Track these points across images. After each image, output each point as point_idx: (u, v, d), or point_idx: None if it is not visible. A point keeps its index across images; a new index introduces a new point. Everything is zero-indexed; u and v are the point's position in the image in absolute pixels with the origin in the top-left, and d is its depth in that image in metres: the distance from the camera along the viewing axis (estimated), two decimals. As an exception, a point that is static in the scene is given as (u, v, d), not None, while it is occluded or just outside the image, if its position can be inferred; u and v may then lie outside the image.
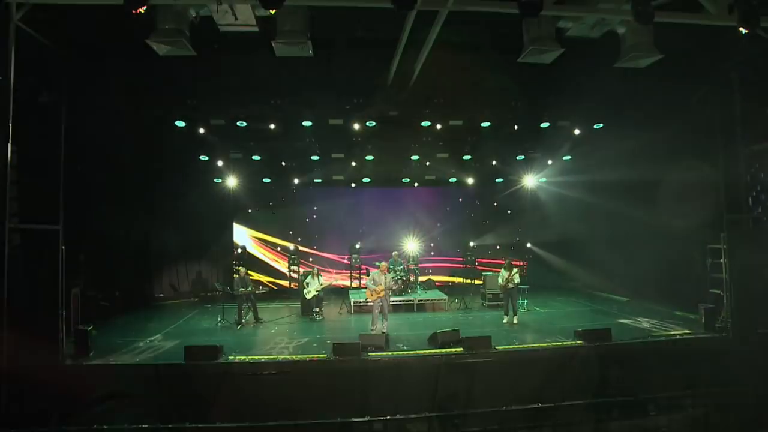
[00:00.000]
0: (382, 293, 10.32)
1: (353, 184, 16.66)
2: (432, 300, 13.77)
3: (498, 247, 17.76)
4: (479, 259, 17.37)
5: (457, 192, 17.86)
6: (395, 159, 15.09)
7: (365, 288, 10.94)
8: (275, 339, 10.22)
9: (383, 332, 10.33)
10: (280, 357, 8.61)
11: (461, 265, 17.38)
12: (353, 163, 14.83)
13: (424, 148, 14.41)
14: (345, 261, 17.29)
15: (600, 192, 14.36)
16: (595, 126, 12.59)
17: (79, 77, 8.87)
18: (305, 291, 12.29)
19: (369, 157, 14.29)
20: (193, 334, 10.66)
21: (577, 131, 12.95)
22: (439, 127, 12.37)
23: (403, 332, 10.68)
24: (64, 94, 8.48)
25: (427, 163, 15.29)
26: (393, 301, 11.74)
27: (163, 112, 11.68)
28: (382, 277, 10.38)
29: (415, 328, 11.14)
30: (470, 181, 16.47)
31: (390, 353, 8.85)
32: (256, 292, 11.92)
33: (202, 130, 12.32)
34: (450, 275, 17.61)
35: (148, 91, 10.74)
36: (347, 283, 16.93)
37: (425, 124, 12.35)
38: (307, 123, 11.94)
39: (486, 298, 13.77)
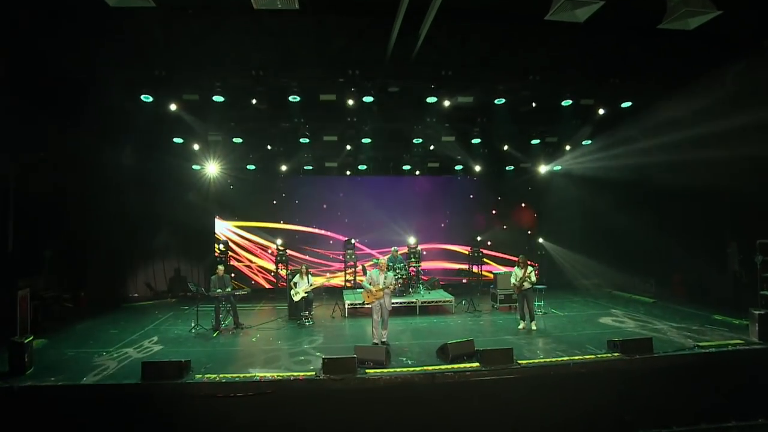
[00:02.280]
0: (381, 295, 8.97)
1: (348, 172, 15.37)
2: (437, 302, 12.51)
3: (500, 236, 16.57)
4: (485, 250, 16.18)
5: (462, 181, 16.69)
6: (395, 142, 13.71)
7: (361, 289, 9.57)
8: (255, 350, 8.93)
9: (383, 342, 9.03)
10: (259, 375, 7.26)
11: (466, 263, 16.15)
12: (348, 147, 13.42)
13: (428, 130, 13.04)
14: (338, 257, 16.04)
15: (620, 181, 13.23)
16: (622, 105, 11.23)
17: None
18: (292, 292, 10.97)
19: (366, 140, 12.91)
20: (160, 343, 9.27)
21: (601, 111, 11.59)
22: (446, 104, 10.93)
23: (405, 341, 9.43)
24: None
25: (431, 147, 13.93)
26: (393, 303, 10.39)
27: (127, 83, 10.16)
28: (381, 277, 9.03)
29: (418, 335, 9.91)
30: (478, 168, 15.11)
31: (392, 370, 7.56)
32: (237, 293, 10.51)
33: (173, 107, 10.82)
34: (454, 273, 16.37)
35: (108, 57, 9.27)
36: (341, 282, 15.62)
37: (430, 100, 10.95)
38: (294, 98, 10.51)
39: (497, 299, 12.53)
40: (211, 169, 14.31)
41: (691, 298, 12.24)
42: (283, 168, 14.80)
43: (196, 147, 13.05)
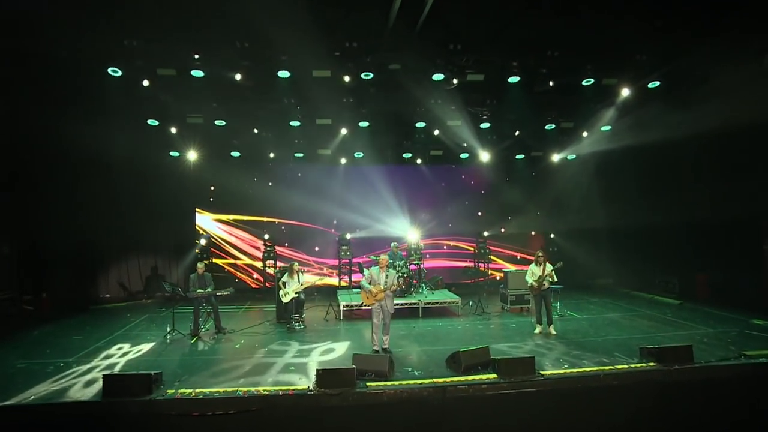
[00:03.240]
0: (382, 296, 8.22)
1: (343, 160, 14.58)
2: (441, 303, 11.84)
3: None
4: (492, 247, 15.57)
5: (468, 171, 16.06)
6: (395, 127, 12.94)
7: (359, 288, 8.82)
8: (239, 358, 8.14)
9: (384, 349, 8.34)
10: (242, 389, 6.49)
11: (471, 260, 15.49)
12: (343, 131, 12.62)
13: (432, 113, 12.29)
14: (332, 254, 15.36)
15: (640, 169, 12.63)
16: (649, 85, 10.53)
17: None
18: (281, 293, 10.21)
19: (363, 124, 12.14)
20: (129, 351, 8.49)
21: (625, 91, 10.89)
22: (455, 81, 10.17)
23: (409, 348, 8.73)
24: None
25: (436, 132, 13.16)
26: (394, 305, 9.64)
27: (93, 54, 9.27)
28: (382, 275, 8.29)
29: (423, 341, 9.22)
30: (485, 157, 14.38)
31: (396, 383, 6.83)
32: (219, 293, 9.72)
33: (146, 83, 9.95)
34: (461, 272, 15.76)
35: (68, 21, 8.39)
36: (335, 281, 14.89)
37: (437, 77, 10.18)
38: (284, 74, 9.72)
39: (507, 300, 11.86)
40: (191, 156, 13.46)
41: (719, 299, 11.64)
42: (271, 155, 14.04)
43: (173, 131, 12.18)
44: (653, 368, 7.06)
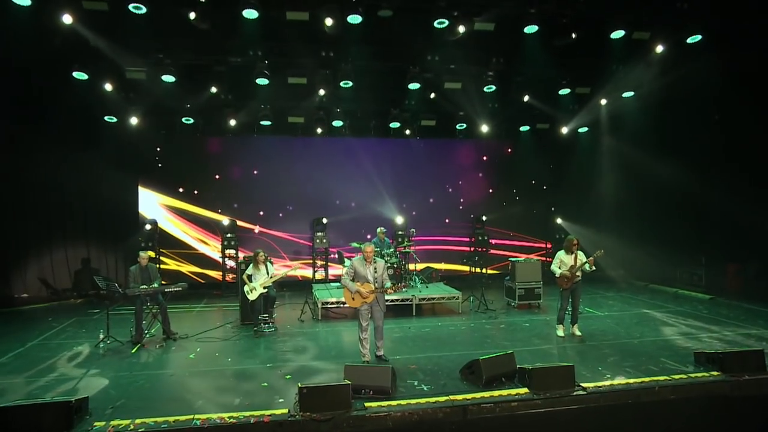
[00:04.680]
0: (373, 298, 7.08)
1: (319, 130, 13.40)
2: (438, 299, 10.94)
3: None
4: (493, 240, 14.69)
5: (465, 146, 15.17)
6: (385, 87, 11.78)
7: (340, 283, 7.65)
8: (195, 373, 6.92)
9: (379, 357, 7.30)
10: (199, 418, 5.28)
11: (469, 248, 14.63)
12: (321, 92, 11.36)
13: (428, 73, 11.29)
14: (305, 242, 14.30)
15: (663, 143, 12.15)
16: (689, 39, 9.71)
17: None
18: (247, 288, 9.00)
19: (345, 84, 10.90)
20: (46, 369, 7.07)
21: (660, 48, 10.04)
22: (461, 29, 9.05)
23: (408, 353, 7.73)
24: None
25: (432, 95, 12.09)
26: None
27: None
28: (369, 269, 7.11)
29: (424, 345, 8.25)
30: (485, 128, 13.43)
31: (403, 402, 5.81)
32: (168, 289, 8.46)
33: (68, 19, 8.37)
34: (453, 261, 14.98)
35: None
36: (308, 273, 13.83)
37: (439, 24, 9.04)
38: (250, 14, 8.37)
39: (515, 295, 11.07)
40: (132, 121, 11.92)
41: (754, 293, 11.11)
42: (232, 123, 12.70)
43: (108, 87, 10.62)
44: (718, 378, 6.24)
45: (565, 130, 14.03)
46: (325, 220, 13.57)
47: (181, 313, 10.63)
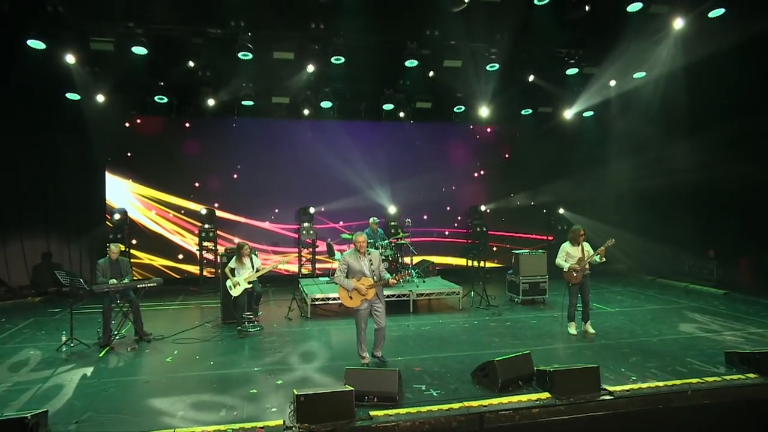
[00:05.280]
0: (373, 293, 6.62)
1: (306, 111, 12.89)
2: (438, 294, 10.60)
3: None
4: (491, 231, 14.42)
5: (461, 130, 14.84)
6: (379, 65, 11.31)
7: (333, 278, 7.16)
8: (173, 380, 6.40)
9: (377, 357, 6.86)
10: (180, 431, 4.78)
11: (466, 240, 14.55)
12: (309, 69, 10.82)
13: (427, 49, 10.81)
14: (290, 233, 13.76)
15: (672, 123, 12.02)
16: (711, 14, 9.40)
17: None
18: (229, 283, 8.48)
19: (337, 59, 10.38)
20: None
21: (678, 23, 9.71)
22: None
23: (411, 354, 7.34)
24: None
25: (431, 74, 11.63)
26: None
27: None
28: (364, 261, 6.65)
29: (427, 345, 7.85)
30: (484, 112, 13.03)
31: (413, 410, 5.42)
32: (141, 285, 7.93)
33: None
34: (449, 253, 14.76)
35: None
36: (295, 267, 13.42)
37: (444, -9, 8.60)
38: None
39: (519, 290, 10.80)
40: (98, 99, 11.24)
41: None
42: (211, 102, 12.11)
43: (70, 60, 9.90)
44: (757, 381, 5.95)
45: (569, 114, 13.74)
46: (312, 210, 13.07)
47: (155, 311, 10.09)
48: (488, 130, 14.79)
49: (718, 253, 12.24)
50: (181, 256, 13.15)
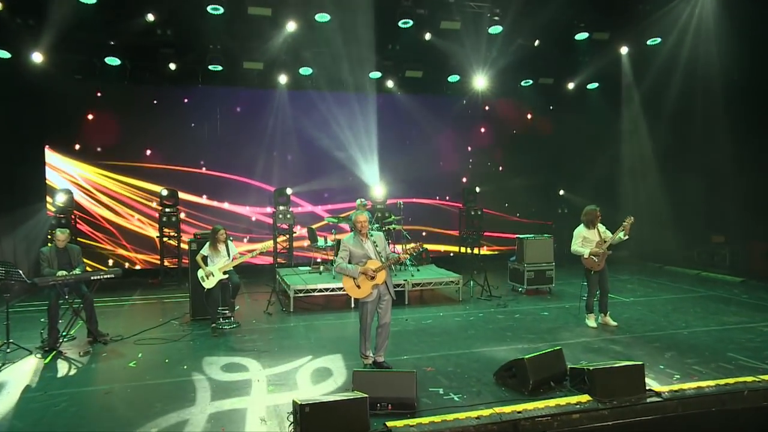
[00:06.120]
0: (383, 276, 6.04)
1: (282, 79, 12.15)
2: (434, 284, 10.18)
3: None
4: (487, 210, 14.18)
5: (455, 104, 14.36)
6: (367, 26, 10.64)
7: (335, 268, 6.49)
8: (138, 390, 5.70)
9: (378, 365, 6.21)
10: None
11: (459, 224, 14.19)
12: (289, 28, 10.06)
13: (423, 7, 10.29)
14: (264, 218, 13.16)
15: (681, 96, 11.82)
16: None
17: None
18: (201, 273, 7.81)
19: (321, 18, 9.70)
20: None
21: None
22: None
23: (417, 352, 6.85)
24: None
25: (427, 36, 11.06)
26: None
27: None
28: (368, 244, 6.09)
29: (431, 341, 7.38)
30: (480, 83, 12.59)
31: (437, 418, 4.93)
32: (96, 277, 7.18)
33: None
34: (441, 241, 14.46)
35: None
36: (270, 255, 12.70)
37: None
38: None
39: (524, 278, 10.52)
40: (34, 58, 10.19)
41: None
42: (172, 67, 11.23)
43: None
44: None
45: (571, 85, 13.45)
46: (289, 191, 12.37)
47: (109, 308, 9.27)
48: (485, 105, 14.34)
49: (728, 238, 12.19)
50: (137, 244, 12.27)
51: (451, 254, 14.26)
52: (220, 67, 11.41)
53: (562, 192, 14.56)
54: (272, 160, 12.94)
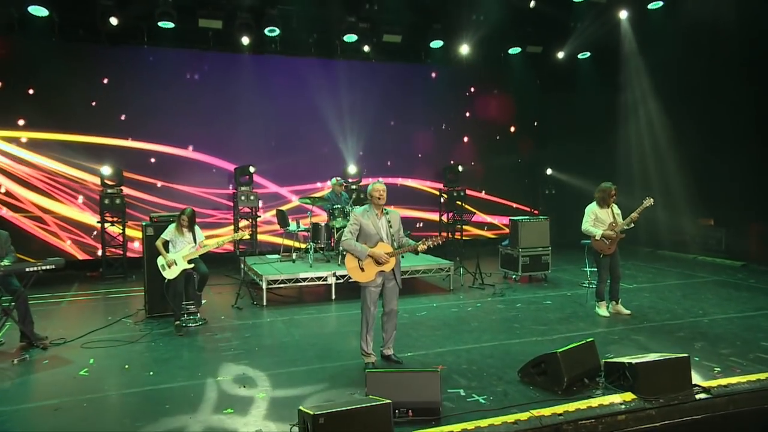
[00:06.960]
0: (392, 263, 5.61)
1: (245, 40, 11.43)
2: (424, 271, 9.82)
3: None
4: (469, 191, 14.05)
5: (435, 72, 14.15)
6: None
7: (342, 243, 5.93)
8: (99, 403, 5.00)
9: (387, 358, 5.86)
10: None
11: (439, 207, 14.03)
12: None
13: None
14: (223, 200, 12.46)
15: (684, 81, 11.83)
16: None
17: None
18: (162, 262, 7.19)
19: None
20: None
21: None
22: None
23: (420, 347, 6.48)
24: None
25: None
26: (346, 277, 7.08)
27: None
28: (381, 222, 5.65)
29: (433, 335, 7.05)
30: (464, 49, 12.30)
31: (468, 425, 4.48)
32: (31, 269, 6.38)
33: None
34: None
35: None
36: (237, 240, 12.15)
37: None
38: None
39: (518, 265, 10.31)
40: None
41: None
42: (113, 22, 10.25)
43: None
44: None
45: (561, 54, 13.31)
46: (252, 169, 11.66)
47: (43, 306, 8.42)
48: (468, 72, 14.02)
49: (723, 220, 12.33)
50: (71, 232, 11.26)
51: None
52: (171, 24, 10.54)
53: (549, 171, 14.45)
54: (233, 135, 12.29)
